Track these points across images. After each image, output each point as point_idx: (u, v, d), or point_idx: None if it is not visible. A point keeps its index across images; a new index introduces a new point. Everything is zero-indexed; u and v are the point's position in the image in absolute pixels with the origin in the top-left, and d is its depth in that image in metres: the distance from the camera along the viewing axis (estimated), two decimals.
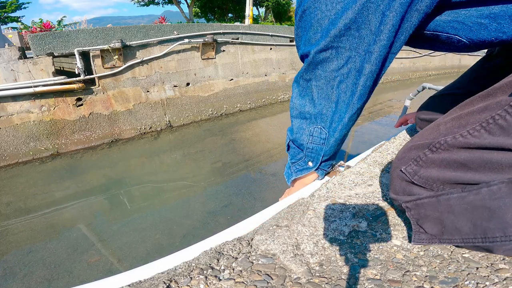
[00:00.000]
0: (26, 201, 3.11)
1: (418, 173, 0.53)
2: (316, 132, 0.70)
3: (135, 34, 4.63)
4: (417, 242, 0.53)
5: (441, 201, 0.49)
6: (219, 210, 2.77)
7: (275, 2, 15.72)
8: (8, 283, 2.00)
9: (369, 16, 0.52)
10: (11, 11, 15.22)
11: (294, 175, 0.81)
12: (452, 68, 11.53)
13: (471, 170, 0.46)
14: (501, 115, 0.42)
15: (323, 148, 0.72)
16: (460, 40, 0.52)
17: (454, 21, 0.51)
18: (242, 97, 6.22)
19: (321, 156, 0.74)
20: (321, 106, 0.66)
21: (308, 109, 0.69)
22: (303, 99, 0.69)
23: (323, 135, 0.70)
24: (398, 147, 0.98)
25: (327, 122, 0.68)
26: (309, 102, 0.68)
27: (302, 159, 0.78)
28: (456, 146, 0.47)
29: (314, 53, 0.60)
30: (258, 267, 0.50)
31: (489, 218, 0.44)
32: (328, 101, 0.65)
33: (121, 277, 0.49)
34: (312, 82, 0.65)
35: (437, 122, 0.54)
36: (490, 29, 0.48)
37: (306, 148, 0.74)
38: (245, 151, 4.24)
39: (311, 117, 0.69)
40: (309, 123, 0.71)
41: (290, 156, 0.81)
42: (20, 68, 3.84)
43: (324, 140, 0.71)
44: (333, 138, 0.70)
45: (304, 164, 0.78)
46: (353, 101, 0.63)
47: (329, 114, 0.67)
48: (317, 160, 0.76)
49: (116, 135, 4.69)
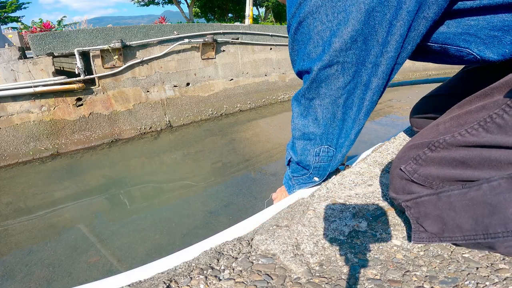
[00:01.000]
0: (26, 201, 3.11)
1: (418, 171, 0.53)
2: (322, 152, 0.68)
3: (135, 34, 4.63)
4: (417, 241, 0.53)
5: (441, 198, 0.49)
6: (219, 210, 2.77)
7: (275, 2, 15.71)
8: (8, 283, 2.00)
9: (376, 26, 0.49)
10: (11, 11, 15.22)
11: (297, 188, 0.79)
12: (452, 68, 11.52)
13: (470, 168, 0.47)
14: (499, 114, 0.43)
15: (330, 164, 0.71)
16: (470, 53, 0.50)
17: (465, 34, 0.49)
18: (242, 97, 6.21)
19: (328, 171, 0.74)
20: (327, 126, 0.63)
21: (312, 130, 0.65)
22: (306, 119, 0.65)
23: (330, 153, 0.68)
24: (398, 147, 0.98)
25: (333, 141, 0.66)
26: (313, 122, 0.64)
27: (306, 175, 0.76)
28: (455, 144, 0.48)
29: (318, 70, 0.55)
30: (258, 267, 0.50)
31: (490, 213, 0.44)
32: (333, 120, 0.62)
33: (121, 277, 0.49)
34: (315, 101, 0.61)
35: (436, 122, 0.55)
36: (505, 42, 0.47)
37: (313, 167, 0.72)
38: (245, 151, 4.24)
39: (316, 138, 0.66)
40: (314, 144, 0.68)
41: (291, 170, 0.79)
42: (20, 68, 3.84)
43: (331, 158, 0.69)
44: (340, 154, 0.69)
45: (309, 180, 0.77)
46: (360, 116, 0.61)
47: (335, 132, 0.64)
48: (323, 175, 0.75)
49: (116, 135, 4.69)
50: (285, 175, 0.85)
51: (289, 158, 0.77)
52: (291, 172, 0.79)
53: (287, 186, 0.83)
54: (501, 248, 0.47)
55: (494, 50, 0.48)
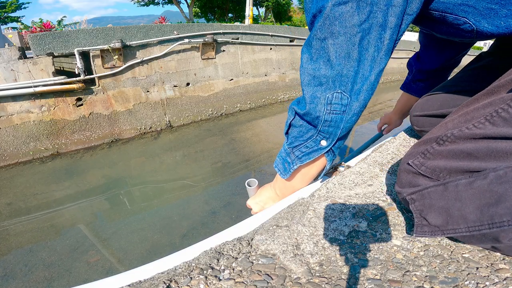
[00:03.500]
0: (26, 201, 3.11)
1: (425, 164, 0.54)
2: (335, 98, 0.58)
3: (135, 34, 4.63)
4: (419, 234, 0.53)
5: (449, 188, 0.50)
6: (219, 210, 2.77)
7: (275, 2, 15.72)
8: (8, 283, 2.00)
9: None
10: (11, 11, 15.22)
11: (299, 162, 0.67)
12: None
13: (477, 159, 0.48)
14: (504, 109, 0.45)
15: (344, 117, 0.59)
16: (467, 22, 0.53)
17: (464, 5, 0.52)
18: (242, 97, 6.22)
19: (340, 129, 0.61)
20: (340, 66, 0.55)
21: (324, 72, 0.57)
22: (316, 62, 0.57)
23: (344, 100, 0.58)
24: (398, 147, 0.98)
25: (348, 85, 0.57)
26: (325, 64, 0.57)
27: (312, 138, 0.64)
28: (463, 137, 0.50)
29: (332, 6, 0.52)
30: (258, 267, 0.50)
31: (496, 202, 0.45)
32: (348, 60, 0.55)
33: (121, 277, 0.49)
34: (328, 41, 0.55)
35: (445, 120, 0.56)
36: (500, 15, 0.50)
37: (324, 121, 0.60)
38: (245, 151, 4.24)
39: (328, 81, 0.57)
40: (326, 89, 0.58)
41: (291, 138, 0.67)
42: (20, 68, 3.84)
43: (346, 107, 0.58)
44: (356, 103, 0.58)
45: (315, 145, 0.64)
46: (380, 56, 0.54)
47: (351, 74, 0.56)
48: (334, 136, 0.62)
49: (116, 135, 4.69)
50: (279, 155, 0.73)
51: (291, 119, 0.66)
52: (290, 142, 0.68)
53: (283, 169, 0.71)
54: (505, 240, 0.47)
55: (490, 21, 0.51)
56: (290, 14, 17.82)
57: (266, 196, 0.80)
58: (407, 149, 0.96)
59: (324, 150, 0.65)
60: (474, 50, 14.49)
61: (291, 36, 6.84)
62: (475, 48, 16.33)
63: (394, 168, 0.82)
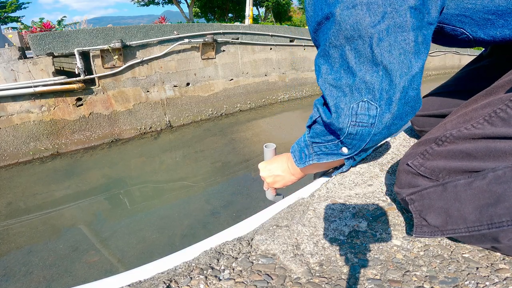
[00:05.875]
0: (26, 201, 3.11)
1: (424, 165, 0.54)
2: (361, 108, 0.51)
3: (135, 34, 4.63)
4: (419, 234, 0.53)
5: (447, 188, 0.50)
6: (219, 210, 2.77)
7: (275, 2, 15.73)
8: (8, 283, 2.00)
9: None
10: (11, 11, 15.22)
11: (316, 159, 0.63)
12: (452, 68, 11.53)
13: (476, 159, 0.48)
14: (502, 109, 0.46)
15: (372, 130, 0.52)
16: (464, 33, 0.54)
17: (462, 15, 0.52)
18: (242, 97, 6.22)
19: (365, 142, 0.55)
20: (362, 71, 0.49)
21: (345, 81, 0.51)
22: (337, 72, 0.52)
23: (372, 111, 0.50)
24: (398, 147, 0.98)
25: (375, 93, 0.49)
26: (346, 72, 0.51)
27: (333, 142, 0.59)
28: (462, 137, 0.50)
29: (341, 11, 0.47)
30: (258, 267, 0.50)
31: (495, 202, 0.45)
32: (370, 65, 0.48)
33: (121, 277, 0.49)
34: (345, 47, 0.50)
35: (444, 121, 0.57)
36: (497, 25, 0.50)
37: (347, 133, 0.54)
38: (245, 151, 4.24)
39: (351, 90, 0.51)
40: (351, 99, 0.51)
41: (313, 133, 0.61)
42: (20, 68, 3.84)
43: (375, 119, 0.50)
44: (388, 114, 0.50)
45: (336, 149, 0.59)
46: (408, 59, 0.47)
47: (376, 81, 0.49)
48: (357, 148, 0.57)
49: (116, 135, 4.69)
50: (298, 142, 0.67)
51: (316, 117, 0.60)
52: (311, 136, 0.62)
53: (299, 157, 0.66)
54: (505, 240, 0.47)
55: (486, 31, 0.52)
56: (290, 14, 17.84)
57: (278, 167, 0.78)
58: (407, 149, 0.96)
59: (345, 157, 0.61)
60: (475, 50, 14.50)
61: (291, 36, 6.84)
62: (476, 48, 16.32)
63: (394, 168, 0.82)
